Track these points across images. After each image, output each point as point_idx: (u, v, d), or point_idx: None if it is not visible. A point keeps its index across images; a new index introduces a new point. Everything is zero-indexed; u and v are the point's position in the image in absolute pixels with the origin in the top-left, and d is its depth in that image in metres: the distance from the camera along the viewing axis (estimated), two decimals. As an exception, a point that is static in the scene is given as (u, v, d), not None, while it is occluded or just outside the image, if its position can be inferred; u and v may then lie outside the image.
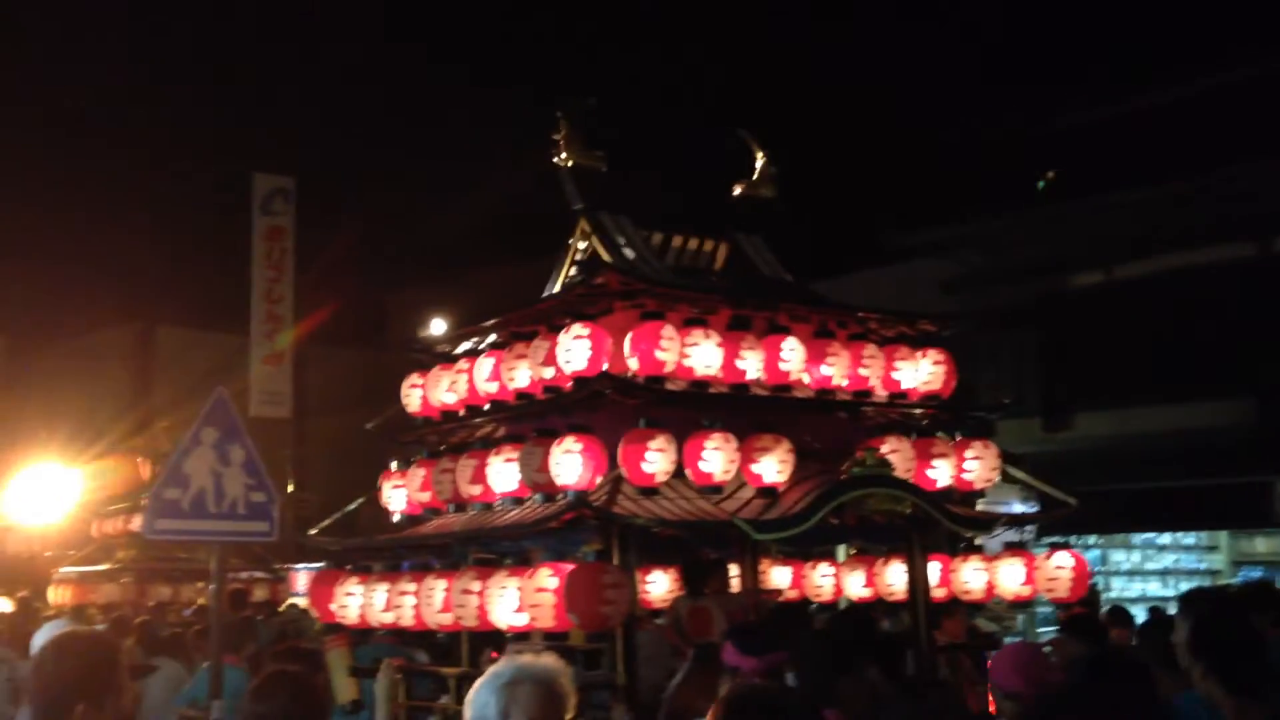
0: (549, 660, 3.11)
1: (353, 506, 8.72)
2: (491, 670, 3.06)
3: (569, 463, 6.09)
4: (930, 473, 7.21)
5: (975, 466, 7.43)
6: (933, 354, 7.53)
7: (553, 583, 5.73)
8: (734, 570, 7.77)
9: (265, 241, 23.60)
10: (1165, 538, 16.92)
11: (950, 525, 6.76)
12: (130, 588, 16.77)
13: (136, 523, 15.99)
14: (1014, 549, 7.33)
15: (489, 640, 7.01)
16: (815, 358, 6.95)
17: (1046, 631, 12.65)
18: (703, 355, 6.52)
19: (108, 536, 18.01)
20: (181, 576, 16.74)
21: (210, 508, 6.31)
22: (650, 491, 6.23)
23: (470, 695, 3.05)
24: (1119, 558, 16.96)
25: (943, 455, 7.29)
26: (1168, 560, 16.99)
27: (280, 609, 15.28)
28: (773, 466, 6.42)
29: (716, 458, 6.32)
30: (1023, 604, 7.57)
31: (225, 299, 25.35)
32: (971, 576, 7.28)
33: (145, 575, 16.89)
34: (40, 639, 6.00)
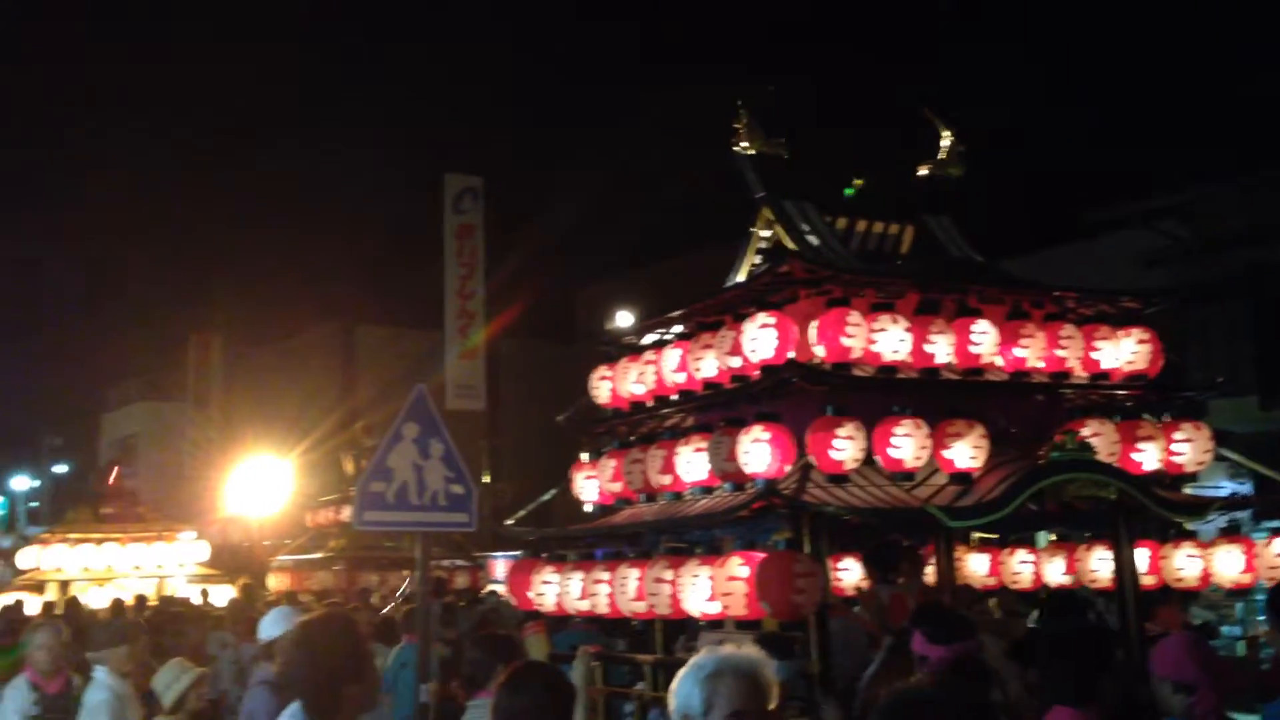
0: (751, 651, 3.05)
1: (546, 497, 8.95)
2: (694, 662, 3.01)
3: (757, 451, 6.09)
4: (1136, 456, 6.91)
5: (1186, 449, 7.07)
6: (1137, 332, 7.20)
7: (744, 571, 5.75)
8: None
9: (456, 240, 24.31)
10: (1401, 521, 15.78)
11: (1159, 511, 6.45)
12: (341, 575, 17.65)
13: (346, 514, 16.83)
14: (1231, 534, 6.96)
15: (682, 628, 7.08)
16: (1009, 339, 6.75)
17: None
18: (890, 340, 6.41)
19: (320, 526, 19.01)
20: (388, 564, 17.50)
21: (413, 499, 6.58)
22: (840, 479, 6.17)
23: (673, 686, 3.01)
24: (1348, 543, 15.88)
25: (1149, 437, 6.97)
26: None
27: (480, 596, 15.80)
28: (966, 452, 6.26)
29: (907, 444, 6.21)
30: (1242, 592, 7.14)
31: (420, 297, 26.30)
32: (1184, 564, 6.93)
33: (355, 563, 17.76)
34: (270, 624, 6.23)
